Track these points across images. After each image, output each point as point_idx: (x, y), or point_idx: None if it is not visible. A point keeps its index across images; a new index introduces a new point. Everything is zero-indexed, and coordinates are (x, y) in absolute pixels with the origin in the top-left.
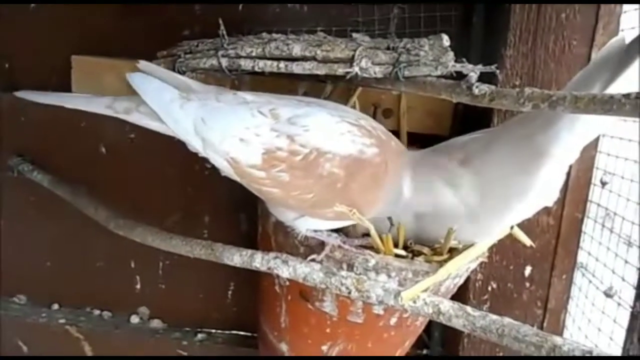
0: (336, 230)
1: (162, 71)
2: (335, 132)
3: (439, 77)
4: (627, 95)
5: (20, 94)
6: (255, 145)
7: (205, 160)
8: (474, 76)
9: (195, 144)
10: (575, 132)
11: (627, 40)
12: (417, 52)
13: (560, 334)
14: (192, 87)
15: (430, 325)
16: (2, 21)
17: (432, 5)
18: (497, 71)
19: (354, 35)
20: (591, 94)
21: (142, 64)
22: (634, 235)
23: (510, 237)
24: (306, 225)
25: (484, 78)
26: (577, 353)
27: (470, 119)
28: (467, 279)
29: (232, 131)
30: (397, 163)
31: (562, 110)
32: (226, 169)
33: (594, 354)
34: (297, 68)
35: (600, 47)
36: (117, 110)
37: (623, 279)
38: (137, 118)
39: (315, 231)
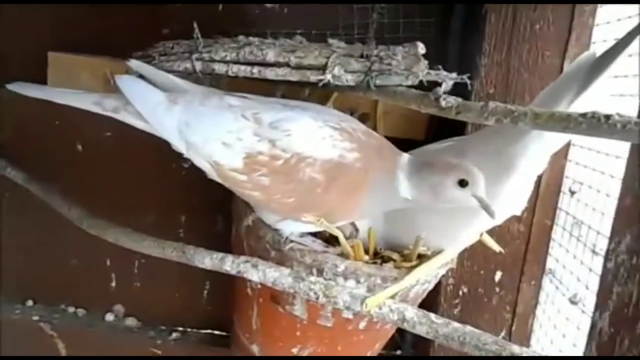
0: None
1: (152, 70)
2: (316, 136)
3: (410, 86)
4: (583, 115)
5: (12, 86)
6: (237, 149)
7: (182, 159)
8: (444, 87)
9: (179, 146)
10: (543, 143)
11: (597, 55)
12: (389, 61)
13: (528, 338)
14: (181, 86)
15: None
16: None
17: (411, 11)
18: (469, 80)
19: (330, 41)
20: (550, 111)
21: (133, 62)
22: (599, 244)
23: (482, 243)
24: (289, 229)
25: (459, 86)
26: None
27: (446, 124)
28: (439, 283)
29: (215, 135)
30: (380, 165)
31: (523, 126)
32: (209, 172)
33: None
34: (270, 74)
35: (573, 59)
36: (105, 108)
37: (587, 287)
38: (125, 117)
39: (301, 236)
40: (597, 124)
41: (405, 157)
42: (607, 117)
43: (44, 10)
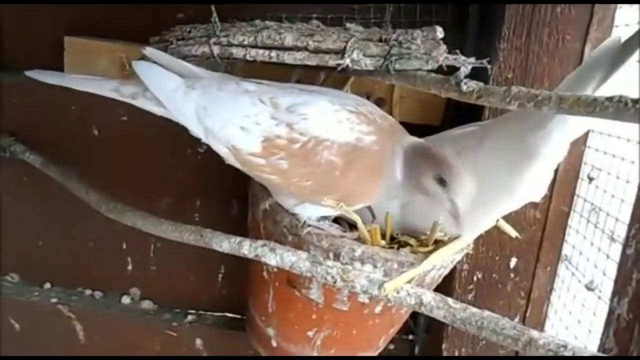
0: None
1: (168, 57)
2: (333, 120)
3: (429, 71)
4: (610, 98)
5: (31, 73)
6: (255, 133)
7: (197, 144)
8: (464, 71)
9: (197, 132)
10: (566, 131)
11: (622, 41)
12: (408, 45)
13: (542, 324)
14: (197, 73)
15: (417, 312)
16: None
17: None
18: (489, 65)
19: (348, 25)
20: (576, 95)
21: (149, 50)
22: (617, 231)
23: (497, 229)
24: (307, 213)
25: (477, 70)
26: (552, 347)
27: (463, 110)
28: (454, 269)
29: (232, 119)
30: (393, 148)
31: (547, 110)
32: (227, 156)
33: (568, 347)
34: (288, 58)
35: (594, 43)
36: (123, 95)
37: (604, 274)
38: (143, 103)
39: (318, 220)
40: (624, 109)
41: (410, 139)
42: (635, 101)
43: None
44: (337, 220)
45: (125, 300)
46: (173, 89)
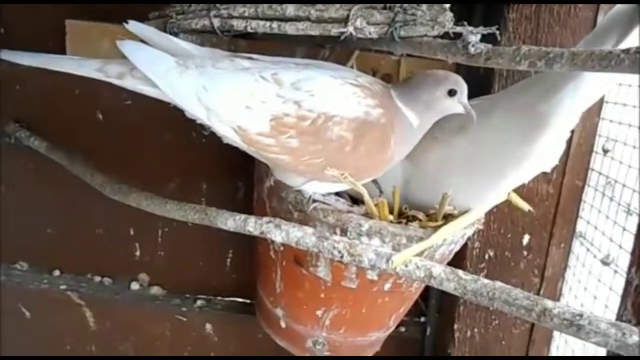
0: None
1: (152, 32)
2: (340, 94)
3: (435, 37)
4: (626, 51)
5: (4, 54)
6: (262, 112)
7: (202, 126)
8: (471, 36)
9: (198, 113)
10: (577, 99)
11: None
12: (413, 12)
13: (557, 302)
14: (186, 49)
15: (427, 292)
16: None
17: None
18: (498, 32)
19: None
20: (589, 49)
21: (132, 24)
22: (634, 203)
23: (509, 206)
24: (314, 189)
25: (485, 41)
26: (567, 316)
27: (471, 84)
28: (464, 247)
29: (236, 99)
30: (395, 108)
31: (559, 68)
32: (232, 137)
33: (584, 316)
34: (290, 28)
35: (607, 11)
36: (109, 75)
37: (620, 247)
38: (132, 83)
39: (324, 196)
40: None
41: (392, 87)
42: None
43: None
44: (342, 195)
45: (135, 286)
46: (167, 69)
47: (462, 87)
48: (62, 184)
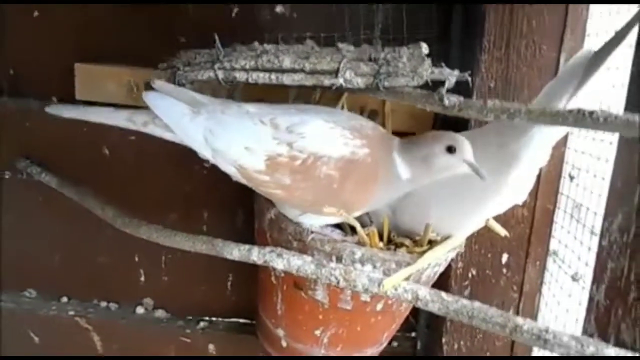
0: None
1: (173, 88)
2: (329, 137)
3: (415, 87)
4: (570, 111)
5: (50, 109)
6: (259, 153)
7: (203, 160)
8: (447, 84)
9: (205, 153)
10: (546, 135)
11: (593, 52)
12: (396, 64)
13: (535, 315)
14: (200, 100)
15: (417, 309)
16: (7, 28)
17: (414, 10)
18: (469, 78)
19: (339, 45)
20: (541, 108)
21: (157, 83)
22: (597, 225)
23: (488, 228)
24: (310, 221)
25: (462, 81)
26: (535, 331)
27: (450, 120)
28: (449, 267)
29: (238, 140)
30: (384, 154)
31: (519, 121)
32: (234, 174)
33: (549, 331)
34: (287, 79)
35: (568, 52)
36: (136, 123)
37: (587, 265)
38: (153, 130)
39: (321, 227)
40: (582, 118)
41: (397, 140)
42: (591, 112)
43: (70, 21)
44: (337, 225)
45: (140, 310)
46: (181, 115)
47: (462, 145)
48: (69, 215)
